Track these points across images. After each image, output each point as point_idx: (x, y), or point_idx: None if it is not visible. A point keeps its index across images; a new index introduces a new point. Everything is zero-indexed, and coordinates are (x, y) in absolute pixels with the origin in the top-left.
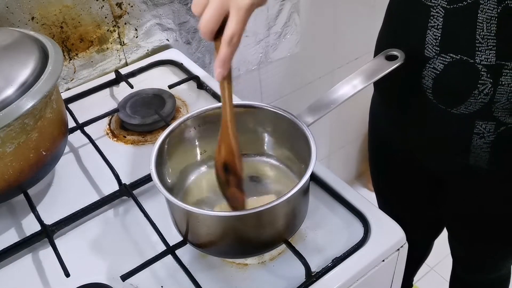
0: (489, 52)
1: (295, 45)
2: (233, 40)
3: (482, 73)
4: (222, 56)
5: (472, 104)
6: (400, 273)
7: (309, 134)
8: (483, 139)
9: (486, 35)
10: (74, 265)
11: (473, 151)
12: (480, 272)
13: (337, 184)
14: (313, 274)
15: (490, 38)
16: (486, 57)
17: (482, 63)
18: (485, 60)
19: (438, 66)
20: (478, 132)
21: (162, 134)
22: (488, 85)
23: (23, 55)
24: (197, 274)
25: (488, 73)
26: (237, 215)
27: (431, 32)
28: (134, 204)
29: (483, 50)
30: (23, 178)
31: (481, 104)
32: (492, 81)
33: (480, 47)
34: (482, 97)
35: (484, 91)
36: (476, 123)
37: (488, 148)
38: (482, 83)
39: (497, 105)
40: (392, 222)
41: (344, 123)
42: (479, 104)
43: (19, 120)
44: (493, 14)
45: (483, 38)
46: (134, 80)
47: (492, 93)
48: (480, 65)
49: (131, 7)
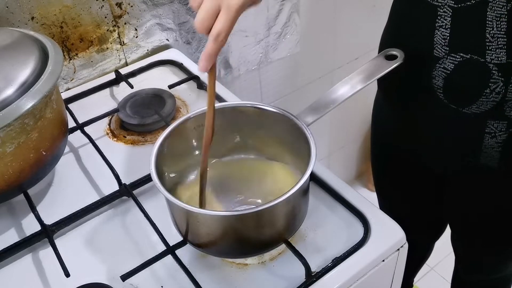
0: (499, 50)
1: (295, 45)
2: (219, 37)
3: (493, 72)
4: (208, 50)
5: (484, 103)
6: (400, 273)
7: (309, 134)
8: (494, 138)
9: (496, 34)
10: (74, 265)
11: (485, 151)
12: (482, 273)
13: (337, 184)
14: (313, 274)
15: (500, 36)
16: (496, 56)
17: (493, 62)
18: (496, 59)
19: (448, 66)
20: (490, 132)
21: (162, 134)
22: (499, 83)
23: (23, 55)
24: (197, 274)
25: (499, 72)
26: (237, 215)
27: (439, 32)
28: (134, 204)
29: (493, 49)
30: (23, 178)
31: (493, 104)
32: (504, 80)
33: (490, 46)
34: (493, 96)
35: (495, 90)
36: (488, 122)
37: (499, 147)
38: (493, 82)
39: (509, 104)
40: (392, 222)
41: (344, 123)
42: (490, 103)
43: (19, 120)
44: (502, 12)
45: (493, 37)
46: (134, 80)
47: (504, 92)
48: (491, 64)
49: (131, 7)
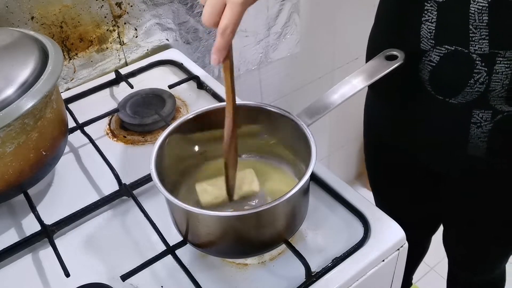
0: (482, 41)
1: (295, 45)
2: (227, 31)
3: (477, 62)
4: (217, 45)
5: (469, 93)
6: (400, 273)
7: (309, 134)
8: (480, 128)
9: (478, 25)
10: (74, 265)
11: (471, 141)
12: (473, 271)
13: (337, 184)
14: (313, 274)
15: (483, 28)
16: (480, 46)
17: (476, 53)
18: (479, 50)
19: (434, 58)
20: (475, 122)
21: (162, 134)
22: (483, 73)
23: (23, 55)
24: (197, 274)
25: (482, 62)
26: (237, 215)
27: (425, 26)
28: (134, 204)
29: (476, 40)
30: (23, 178)
31: (477, 93)
32: (487, 70)
33: (473, 37)
34: (478, 86)
35: (479, 80)
36: (473, 112)
37: (485, 137)
38: (477, 72)
39: (493, 93)
40: (392, 222)
41: (344, 123)
42: (475, 93)
43: (19, 120)
44: (484, 4)
45: (476, 28)
46: (134, 80)
47: (488, 81)
48: (475, 55)
49: (131, 7)
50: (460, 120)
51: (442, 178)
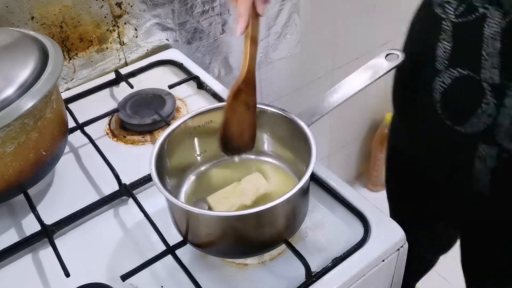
0: (493, 70)
1: (295, 45)
2: None
3: (487, 92)
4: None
5: (475, 124)
6: (400, 273)
7: (309, 134)
8: (484, 163)
9: (491, 52)
10: (74, 265)
11: (476, 176)
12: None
13: (337, 184)
14: (313, 274)
15: (495, 55)
16: (490, 75)
17: (487, 81)
18: (489, 79)
19: (446, 80)
20: (480, 156)
21: (162, 134)
22: (491, 105)
23: (23, 55)
24: (197, 274)
25: (492, 92)
26: (237, 215)
27: (442, 45)
28: (134, 204)
29: (488, 67)
30: (23, 178)
31: (484, 125)
32: (496, 102)
33: (485, 64)
34: (485, 118)
35: (487, 111)
36: (479, 145)
37: (489, 175)
38: (486, 103)
39: (500, 128)
40: (392, 222)
41: (344, 123)
42: (482, 124)
43: (19, 120)
44: (497, 30)
45: (488, 55)
46: (134, 80)
47: (496, 115)
48: (486, 83)
49: (131, 7)
50: (465, 151)
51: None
